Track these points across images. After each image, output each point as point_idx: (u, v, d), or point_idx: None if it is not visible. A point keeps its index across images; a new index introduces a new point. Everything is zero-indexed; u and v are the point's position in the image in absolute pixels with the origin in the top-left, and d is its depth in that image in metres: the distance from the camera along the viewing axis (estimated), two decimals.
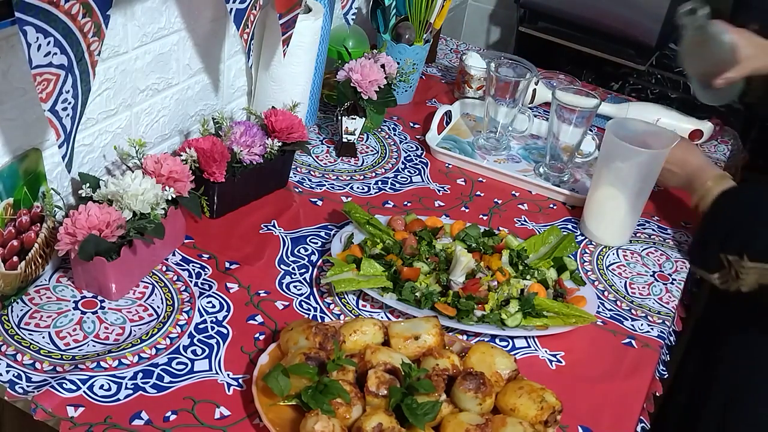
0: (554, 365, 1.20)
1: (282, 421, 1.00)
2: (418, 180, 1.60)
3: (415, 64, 1.80)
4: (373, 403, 1.01)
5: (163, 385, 1.05)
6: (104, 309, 1.16)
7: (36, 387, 1.02)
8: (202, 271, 1.26)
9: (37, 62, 0.92)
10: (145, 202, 1.15)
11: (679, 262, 1.47)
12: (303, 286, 1.27)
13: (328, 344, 1.06)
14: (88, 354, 1.08)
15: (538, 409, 1.03)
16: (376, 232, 1.33)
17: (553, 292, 1.29)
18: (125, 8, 1.18)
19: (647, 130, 1.45)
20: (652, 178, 1.43)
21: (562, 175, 1.62)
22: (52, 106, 0.97)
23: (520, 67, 1.67)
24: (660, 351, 1.26)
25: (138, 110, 1.31)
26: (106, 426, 0.98)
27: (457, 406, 1.03)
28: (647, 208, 1.51)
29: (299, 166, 1.57)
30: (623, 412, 1.14)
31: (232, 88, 1.53)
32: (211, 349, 1.12)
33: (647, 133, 1.43)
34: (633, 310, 1.33)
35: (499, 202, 1.57)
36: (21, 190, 1.09)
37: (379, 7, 1.79)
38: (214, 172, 1.29)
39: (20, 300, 1.14)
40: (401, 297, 1.23)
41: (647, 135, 1.43)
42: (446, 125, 1.78)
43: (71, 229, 1.09)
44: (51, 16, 0.92)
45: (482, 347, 1.12)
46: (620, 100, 2.01)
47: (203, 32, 1.38)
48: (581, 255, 1.45)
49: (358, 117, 1.57)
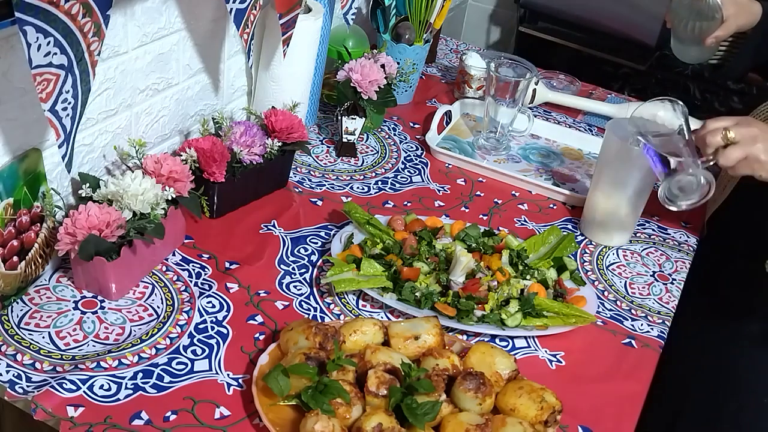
0: (554, 365, 1.20)
1: (282, 421, 1.00)
2: (418, 180, 1.60)
3: (415, 64, 1.80)
4: (373, 403, 1.01)
5: (163, 385, 1.05)
6: (104, 309, 1.16)
7: (36, 387, 1.02)
8: (202, 271, 1.26)
9: (37, 62, 0.92)
10: (145, 202, 1.15)
11: (679, 262, 1.47)
12: (303, 286, 1.27)
13: (328, 344, 1.06)
14: (88, 354, 1.08)
15: (538, 409, 1.03)
16: (376, 232, 1.33)
17: (553, 292, 1.29)
18: (125, 8, 1.18)
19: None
20: (652, 178, 1.43)
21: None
22: (52, 106, 0.97)
23: (520, 67, 1.67)
24: (660, 351, 1.26)
25: (138, 110, 1.31)
26: (106, 426, 0.98)
27: (457, 406, 1.03)
28: (647, 208, 1.50)
29: (299, 166, 1.57)
30: (623, 412, 1.14)
31: (232, 88, 1.54)
32: (211, 349, 1.12)
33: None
34: (633, 310, 1.33)
35: (499, 202, 1.57)
36: (21, 190, 1.09)
37: (379, 7, 1.79)
38: (214, 172, 1.29)
39: (20, 300, 1.14)
40: (401, 297, 1.23)
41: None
42: (446, 125, 1.78)
43: (71, 229, 1.09)
44: (51, 16, 0.92)
45: (482, 347, 1.12)
46: (620, 100, 2.01)
47: (203, 32, 1.38)
48: (581, 255, 1.45)
49: (358, 117, 1.57)
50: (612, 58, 2.19)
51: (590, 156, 1.76)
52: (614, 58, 2.18)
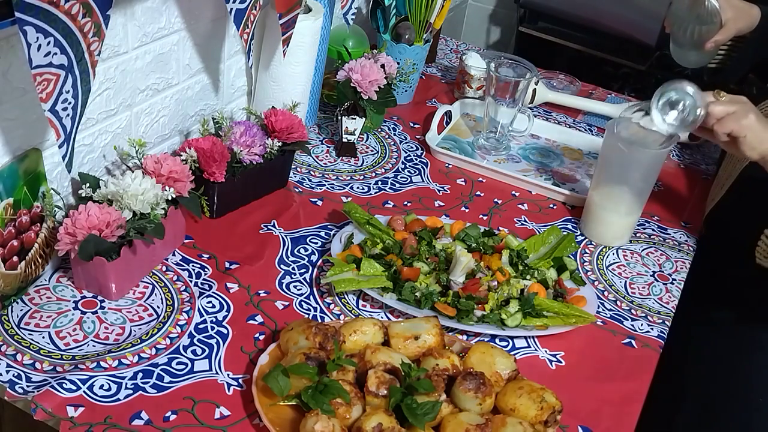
0: (554, 365, 1.20)
1: (282, 421, 1.00)
2: (418, 180, 1.60)
3: (415, 64, 1.80)
4: (373, 403, 1.01)
5: (163, 385, 1.05)
6: (104, 309, 1.16)
7: (36, 387, 1.02)
8: (202, 271, 1.26)
9: (37, 62, 0.92)
10: (145, 202, 1.15)
11: (679, 262, 1.47)
12: (303, 286, 1.27)
13: (328, 344, 1.06)
14: (88, 354, 1.08)
15: (538, 409, 1.03)
16: (376, 232, 1.33)
17: (553, 292, 1.29)
18: (125, 8, 1.18)
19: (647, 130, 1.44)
20: (652, 178, 1.43)
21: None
22: (52, 106, 0.97)
23: (520, 67, 1.67)
24: (660, 351, 1.26)
25: (138, 110, 1.31)
26: (106, 426, 0.98)
27: (457, 406, 1.03)
28: (647, 208, 1.51)
29: (299, 166, 1.57)
30: (623, 412, 1.14)
31: (232, 88, 1.54)
32: (211, 349, 1.12)
33: (647, 133, 1.43)
34: (633, 310, 1.33)
35: (499, 202, 1.57)
36: (21, 190, 1.09)
37: (379, 7, 1.79)
38: (214, 172, 1.29)
39: (20, 300, 1.14)
40: (401, 297, 1.23)
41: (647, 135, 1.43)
42: (446, 125, 1.78)
43: (71, 229, 1.09)
44: (51, 16, 0.92)
45: (482, 347, 1.12)
46: (620, 100, 2.01)
47: (203, 32, 1.38)
48: (581, 255, 1.45)
49: (358, 117, 1.57)
50: (612, 58, 2.19)
51: (590, 156, 1.76)
52: (614, 58, 2.18)
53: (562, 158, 1.74)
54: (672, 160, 1.80)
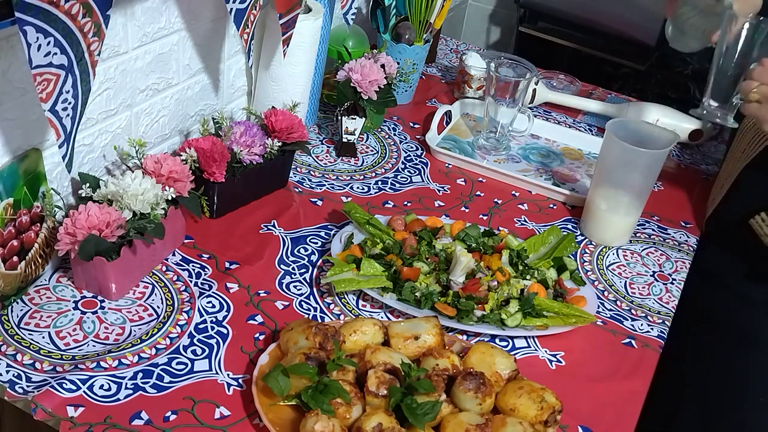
0: (554, 365, 1.20)
1: (282, 421, 1.00)
2: (418, 180, 1.60)
3: (415, 64, 1.80)
4: (373, 403, 1.01)
5: (163, 385, 1.05)
6: (104, 309, 1.16)
7: (36, 387, 1.02)
8: (202, 271, 1.26)
9: (37, 62, 0.92)
10: (145, 202, 1.15)
11: (679, 262, 1.47)
12: (303, 286, 1.27)
13: (328, 344, 1.06)
14: (88, 354, 1.08)
15: (538, 409, 1.03)
16: (376, 232, 1.33)
17: (553, 292, 1.29)
18: (125, 8, 1.18)
19: (647, 130, 1.45)
20: (652, 178, 1.43)
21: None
22: (52, 106, 0.97)
23: (520, 67, 1.67)
24: (660, 351, 1.26)
25: (138, 110, 1.31)
26: (106, 426, 0.98)
27: (457, 406, 1.03)
28: (647, 208, 1.50)
29: (299, 166, 1.57)
30: (623, 412, 1.14)
31: (232, 88, 1.54)
32: (211, 349, 1.12)
33: (647, 133, 1.43)
34: (633, 310, 1.33)
35: (499, 202, 1.57)
36: (21, 190, 1.09)
37: (379, 7, 1.79)
38: (214, 172, 1.29)
39: (20, 300, 1.14)
40: (401, 297, 1.23)
41: (647, 135, 1.43)
42: (446, 125, 1.78)
43: (71, 229, 1.09)
44: (51, 16, 0.92)
45: (482, 347, 1.12)
46: (620, 100, 2.01)
47: (203, 32, 1.38)
48: (581, 255, 1.45)
49: (358, 117, 1.57)
50: (612, 58, 2.19)
51: (590, 156, 1.76)
52: (614, 58, 2.18)
53: (562, 158, 1.74)
54: (672, 160, 1.80)
